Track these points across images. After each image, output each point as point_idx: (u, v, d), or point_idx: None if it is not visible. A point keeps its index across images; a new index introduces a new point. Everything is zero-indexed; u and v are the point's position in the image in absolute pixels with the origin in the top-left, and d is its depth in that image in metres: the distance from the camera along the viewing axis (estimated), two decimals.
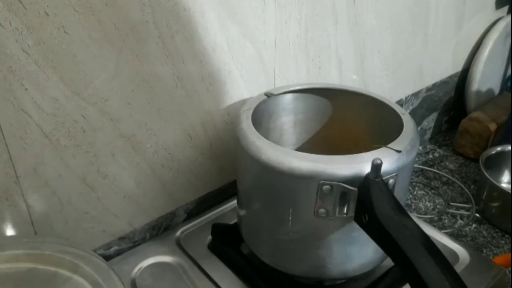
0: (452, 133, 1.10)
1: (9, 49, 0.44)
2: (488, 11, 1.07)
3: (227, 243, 0.61)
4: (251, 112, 0.54)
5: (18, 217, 0.51)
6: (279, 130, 0.64)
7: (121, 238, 0.62)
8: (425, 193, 0.93)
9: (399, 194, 0.47)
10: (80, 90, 0.50)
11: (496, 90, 1.19)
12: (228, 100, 0.65)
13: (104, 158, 0.55)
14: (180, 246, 0.62)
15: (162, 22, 0.53)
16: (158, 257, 0.60)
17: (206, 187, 0.69)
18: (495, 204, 0.84)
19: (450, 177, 0.97)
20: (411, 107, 1.00)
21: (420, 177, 0.98)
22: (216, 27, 0.59)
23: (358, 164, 0.45)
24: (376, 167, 0.43)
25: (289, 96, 0.61)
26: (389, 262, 0.55)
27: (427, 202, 0.90)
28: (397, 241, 0.41)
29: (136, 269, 0.58)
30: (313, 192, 0.46)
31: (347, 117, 0.63)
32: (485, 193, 0.86)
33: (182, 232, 0.65)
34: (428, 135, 1.11)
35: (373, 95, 0.60)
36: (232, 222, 0.65)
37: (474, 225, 0.85)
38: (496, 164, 0.92)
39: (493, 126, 1.00)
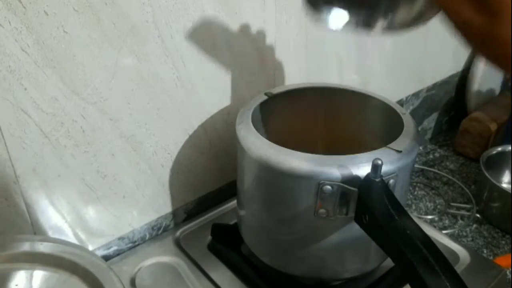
0: (453, 133, 1.10)
1: (8, 49, 0.44)
2: None
3: (227, 243, 0.61)
4: (251, 112, 0.54)
5: (18, 217, 0.51)
6: (279, 130, 0.63)
7: (121, 238, 0.62)
8: (425, 193, 0.93)
9: (399, 194, 0.47)
10: (79, 89, 0.50)
11: (497, 90, 1.19)
12: (228, 100, 0.65)
13: (104, 158, 0.55)
14: (180, 246, 0.62)
15: (162, 21, 0.53)
16: (158, 257, 0.60)
17: (206, 187, 0.69)
18: (495, 205, 0.84)
19: (451, 177, 0.97)
20: (411, 107, 1.00)
21: (421, 177, 0.97)
22: (216, 27, 0.58)
23: (358, 164, 0.45)
24: (376, 167, 0.43)
25: (289, 96, 0.61)
26: (389, 262, 0.55)
27: (427, 203, 0.90)
28: (397, 242, 0.41)
29: (135, 269, 0.58)
30: (313, 192, 0.46)
31: (347, 117, 0.63)
32: (485, 194, 0.86)
33: (182, 232, 0.64)
34: (428, 135, 1.11)
35: (373, 95, 0.60)
36: (232, 222, 0.65)
37: (474, 226, 0.84)
38: (497, 164, 0.92)
39: (493, 126, 1.00)
